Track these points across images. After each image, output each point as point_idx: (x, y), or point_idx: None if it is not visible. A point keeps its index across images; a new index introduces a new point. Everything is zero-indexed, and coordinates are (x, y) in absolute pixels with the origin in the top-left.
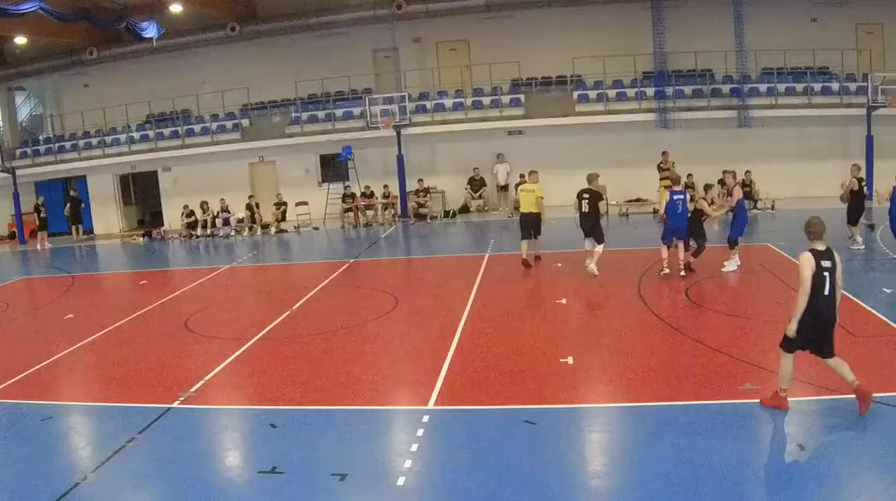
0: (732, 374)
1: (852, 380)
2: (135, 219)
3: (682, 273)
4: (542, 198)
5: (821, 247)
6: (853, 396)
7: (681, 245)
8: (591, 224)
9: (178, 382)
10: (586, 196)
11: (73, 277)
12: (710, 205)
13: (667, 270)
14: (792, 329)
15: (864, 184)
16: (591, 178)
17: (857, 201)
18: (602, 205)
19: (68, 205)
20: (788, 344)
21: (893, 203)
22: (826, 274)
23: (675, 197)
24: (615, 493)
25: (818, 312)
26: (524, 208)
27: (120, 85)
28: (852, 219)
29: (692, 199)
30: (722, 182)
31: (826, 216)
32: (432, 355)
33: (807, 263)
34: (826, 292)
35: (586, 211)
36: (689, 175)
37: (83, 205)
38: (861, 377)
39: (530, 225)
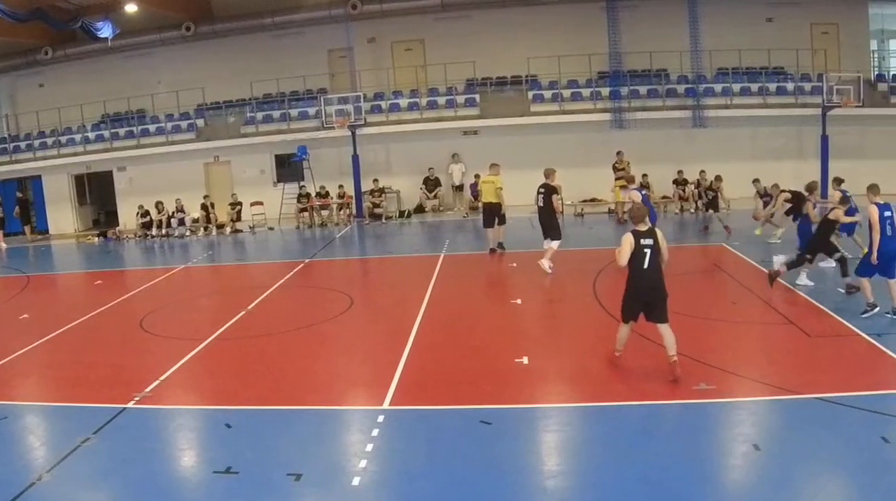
0: (687, 374)
1: (671, 355)
2: (90, 219)
3: None
4: (501, 188)
5: (643, 228)
6: (810, 396)
7: None
8: (547, 219)
9: (134, 382)
10: (542, 191)
11: (28, 277)
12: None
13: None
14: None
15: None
16: (548, 173)
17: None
18: (557, 201)
19: (17, 206)
20: (622, 315)
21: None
22: (647, 250)
23: (886, 213)
24: (571, 493)
25: (638, 284)
26: (485, 198)
27: (75, 85)
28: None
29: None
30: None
31: None
32: (387, 355)
33: (626, 242)
34: (645, 266)
35: (541, 205)
36: (645, 175)
37: (32, 205)
38: (816, 376)
39: (491, 214)
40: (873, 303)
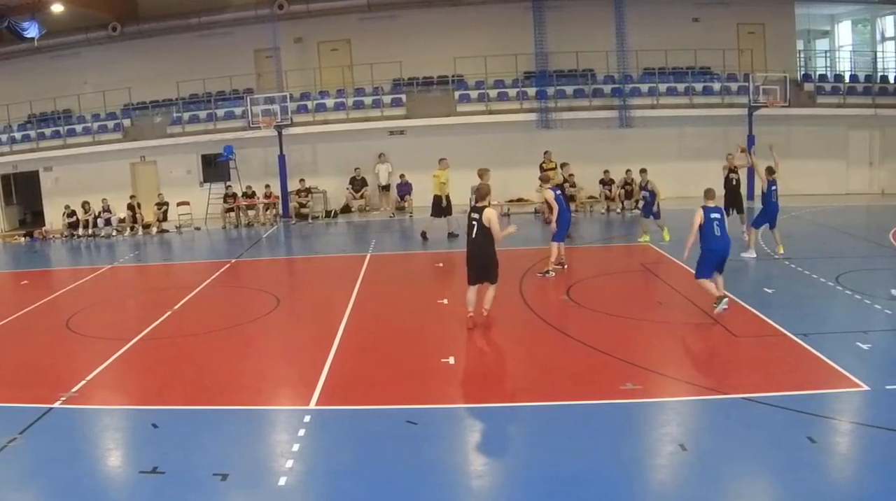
0: (614, 374)
1: (483, 309)
2: (16, 219)
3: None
4: (444, 182)
5: (481, 204)
6: (736, 396)
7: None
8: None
9: (60, 382)
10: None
11: None
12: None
13: (552, 273)
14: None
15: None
16: (481, 173)
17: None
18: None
19: None
20: (468, 281)
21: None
22: (474, 222)
23: (712, 215)
24: (497, 493)
25: (469, 252)
26: (434, 191)
27: (1, 85)
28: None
29: (572, 199)
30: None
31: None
32: (314, 355)
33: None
34: (473, 236)
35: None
36: (571, 175)
37: None
38: (742, 376)
39: (435, 205)
40: (721, 296)
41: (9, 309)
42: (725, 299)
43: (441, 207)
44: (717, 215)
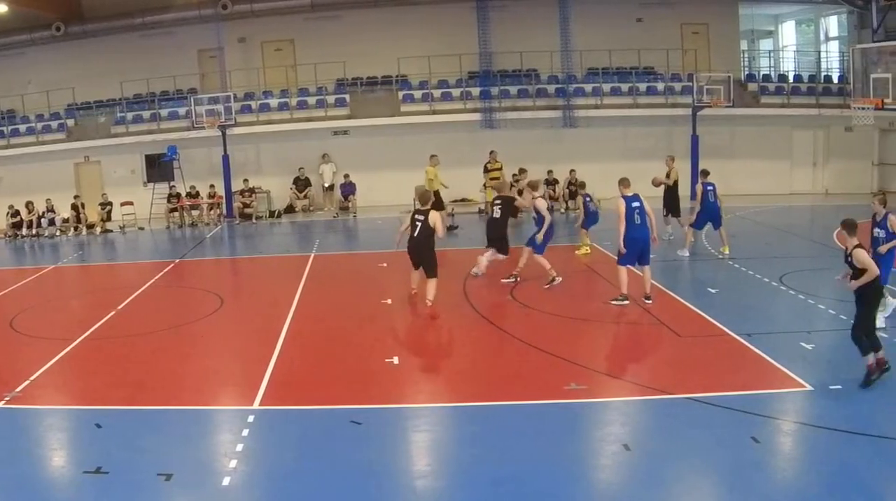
0: (558, 374)
1: (427, 301)
2: None
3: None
4: (432, 178)
5: (425, 208)
6: (681, 396)
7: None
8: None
9: (3, 382)
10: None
11: None
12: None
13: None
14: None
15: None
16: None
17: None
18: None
19: None
20: (413, 266)
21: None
22: (418, 222)
23: (633, 204)
24: (441, 494)
25: (410, 247)
26: (426, 188)
27: None
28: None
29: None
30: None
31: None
32: (258, 355)
33: (408, 214)
34: (415, 234)
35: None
36: (515, 175)
37: None
38: (687, 376)
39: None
40: (626, 295)
41: None
42: (626, 300)
43: (437, 203)
44: (637, 204)
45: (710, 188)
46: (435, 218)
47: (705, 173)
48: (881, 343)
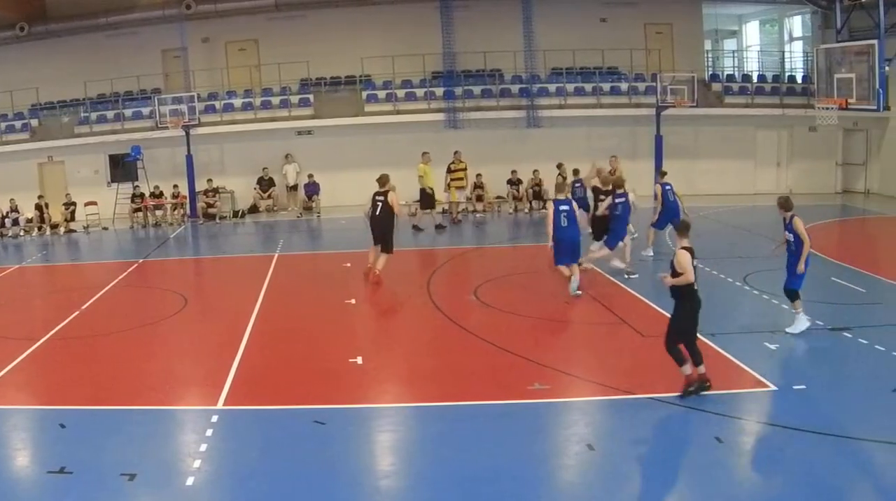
0: (521, 374)
1: (376, 269)
2: None
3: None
4: (422, 176)
5: (384, 189)
6: (644, 396)
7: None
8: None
9: None
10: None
11: None
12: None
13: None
14: None
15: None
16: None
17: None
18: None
19: None
20: (373, 242)
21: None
22: (378, 202)
23: (561, 207)
24: (404, 493)
25: (372, 224)
26: (420, 185)
27: None
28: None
29: (479, 199)
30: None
31: None
32: (221, 355)
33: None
34: (377, 213)
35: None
36: (479, 175)
37: None
38: (650, 376)
39: (424, 198)
40: (570, 276)
41: None
42: (578, 289)
43: (428, 199)
44: (565, 207)
45: (668, 188)
46: (393, 198)
47: (663, 173)
48: (702, 358)
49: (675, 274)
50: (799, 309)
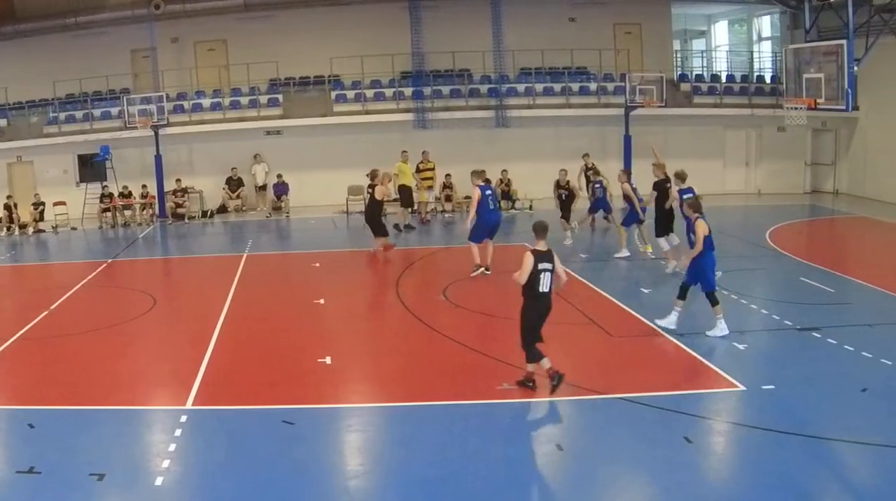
0: (490, 374)
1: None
2: None
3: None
4: (396, 174)
5: (373, 183)
6: (613, 396)
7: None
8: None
9: None
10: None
11: None
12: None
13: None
14: None
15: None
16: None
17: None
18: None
19: None
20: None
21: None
22: (368, 195)
23: (487, 191)
24: (373, 493)
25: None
26: (399, 183)
27: None
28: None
29: (448, 199)
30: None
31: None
32: (190, 355)
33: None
34: (366, 204)
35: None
36: (448, 175)
37: None
38: (619, 376)
39: (404, 196)
40: (479, 265)
41: None
42: (486, 270)
43: (407, 197)
44: (489, 191)
45: (633, 187)
46: (378, 189)
47: (628, 173)
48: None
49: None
50: (719, 314)
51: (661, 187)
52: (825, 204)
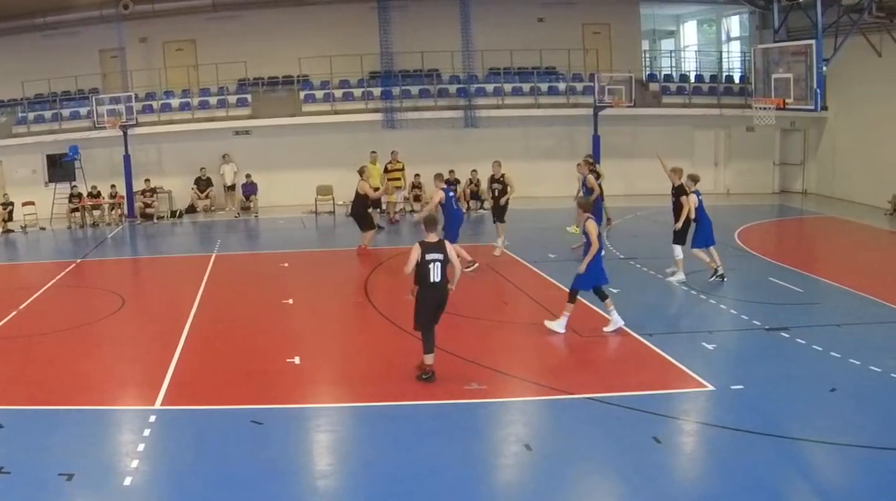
0: (459, 374)
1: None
2: None
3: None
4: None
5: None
6: (582, 396)
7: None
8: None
9: None
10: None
11: None
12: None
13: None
14: None
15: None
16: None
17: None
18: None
19: None
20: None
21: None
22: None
23: (450, 194)
24: (342, 493)
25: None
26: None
27: None
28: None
29: (417, 199)
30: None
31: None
32: (159, 355)
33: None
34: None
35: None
36: (417, 175)
37: None
38: (588, 376)
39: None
40: (472, 261)
41: None
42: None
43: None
44: (451, 193)
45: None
46: (361, 186)
47: (598, 175)
48: (433, 349)
49: None
50: (611, 307)
51: (680, 194)
52: (794, 204)
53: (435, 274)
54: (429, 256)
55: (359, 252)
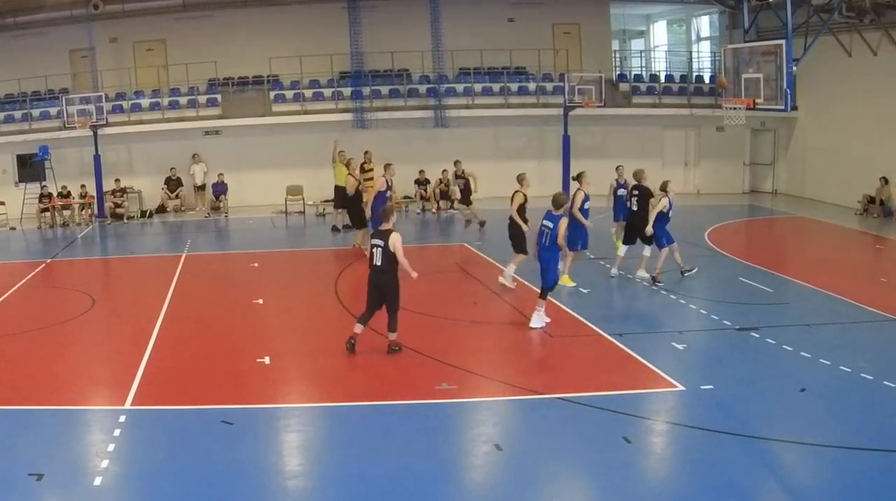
0: (429, 374)
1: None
2: None
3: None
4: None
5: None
6: (552, 396)
7: None
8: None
9: None
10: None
11: None
12: None
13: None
14: None
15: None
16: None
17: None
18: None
19: None
20: None
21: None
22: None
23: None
24: (313, 493)
25: None
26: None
27: None
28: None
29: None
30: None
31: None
32: (129, 355)
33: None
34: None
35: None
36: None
37: None
38: (558, 376)
39: (339, 196)
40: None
41: None
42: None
43: (342, 198)
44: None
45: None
46: (349, 182)
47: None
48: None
49: None
50: (540, 308)
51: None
52: (764, 204)
53: (376, 259)
54: (372, 241)
55: (354, 251)
